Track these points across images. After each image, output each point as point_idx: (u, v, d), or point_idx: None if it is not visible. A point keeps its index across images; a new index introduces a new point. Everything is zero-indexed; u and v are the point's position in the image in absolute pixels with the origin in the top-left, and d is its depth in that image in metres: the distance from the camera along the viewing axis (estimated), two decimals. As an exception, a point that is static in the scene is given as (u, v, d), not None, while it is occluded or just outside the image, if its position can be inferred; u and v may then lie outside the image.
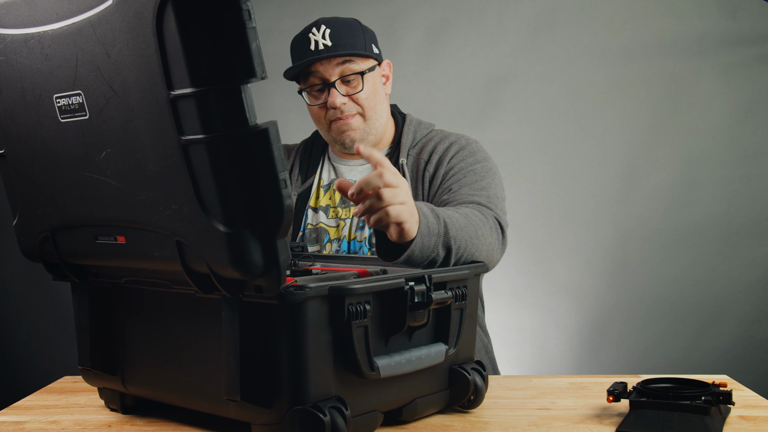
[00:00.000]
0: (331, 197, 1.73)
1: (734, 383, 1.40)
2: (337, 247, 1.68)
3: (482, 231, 1.43)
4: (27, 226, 1.16)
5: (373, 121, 1.68)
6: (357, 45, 1.64)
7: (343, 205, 1.71)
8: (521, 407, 1.28)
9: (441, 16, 3.35)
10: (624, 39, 3.32)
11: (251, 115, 0.90)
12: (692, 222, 3.29)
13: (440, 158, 1.66)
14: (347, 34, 1.64)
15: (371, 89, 1.67)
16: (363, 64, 1.65)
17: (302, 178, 1.76)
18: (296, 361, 1.00)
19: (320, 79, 1.65)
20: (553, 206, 3.31)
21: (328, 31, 1.63)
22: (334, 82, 1.64)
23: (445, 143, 1.68)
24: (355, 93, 1.65)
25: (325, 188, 1.75)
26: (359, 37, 1.66)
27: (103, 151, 1.00)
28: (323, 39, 1.62)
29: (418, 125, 1.75)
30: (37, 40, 1.02)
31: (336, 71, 1.64)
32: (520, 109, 3.37)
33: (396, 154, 1.71)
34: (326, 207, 1.72)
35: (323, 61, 1.63)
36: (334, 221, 1.70)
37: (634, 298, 3.33)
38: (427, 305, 1.12)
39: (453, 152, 1.66)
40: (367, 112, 1.67)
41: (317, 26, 1.64)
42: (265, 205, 0.92)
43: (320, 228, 1.70)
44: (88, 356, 1.22)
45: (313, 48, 1.62)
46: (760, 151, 3.26)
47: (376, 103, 1.68)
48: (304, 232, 1.72)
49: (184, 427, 1.17)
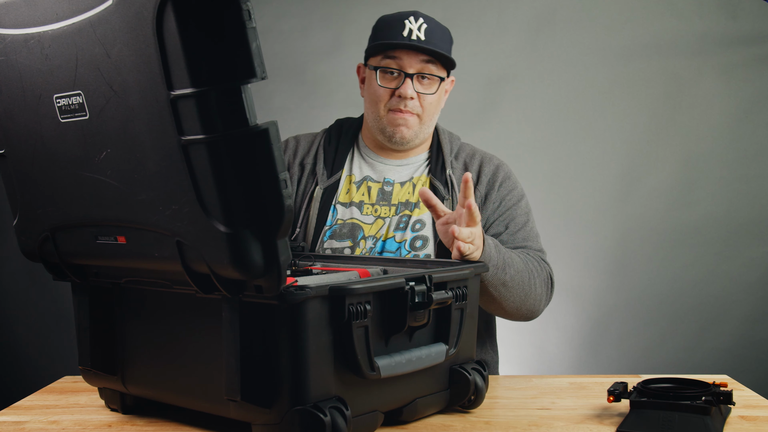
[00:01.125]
0: (365, 193, 1.71)
1: (734, 383, 1.40)
2: (371, 245, 1.66)
3: (534, 281, 1.59)
4: (27, 226, 1.16)
5: (426, 126, 1.70)
6: (446, 49, 1.66)
7: (383, 203, 1.70)
8: (521, 407, 1.28)
9: (441, 16, 3.32)
10: (624, 39, 3.31)
11: (251, 115, 0.90)
12: (692, 222, 3.29)
13: (490, 180, 1.72)
14: (440, 36, 1.66)
15: (438, 97, 1.69)
16: (441, 71, 1.67)
17: (328, 172, 1.73)
18: (296, 361, 1.00)
19: (399, 66, 1.65)
20: (553, 206, 3.31)
21: (424, 25, 1.64)
22: (413, 74, 1.64)
23: (491, 166, 1.74)
24: (426, 93, 1.66)
25: (358, 184, 1.73)
26: (449, 44, 1.69)
27: (103, 151, 1.00)
28: (418, 31, 1.62)
29: (451, 135, 1.80)
30: (37, 40, 1.02)
31: (417, 66, 1.64)
32: (520, 109, 3.37)
33: (440, 162, 1.73)
34: (360, 203, 1.70)
35: (410, 51, 1.63)
36: (371, 218, 1.69)
37: (634, 298, 3.32)
38: (428, 305, 1.12)
39: (501, 179, 1.73)
40: (425, 116, 1.68)
41: (415, 16, 1.65)
42: (266, 205, 0.92)
43: (354, 224, 1.68)
44: (89, 356, 1.22)
45: (405, 34, 1.63)
46: (760, 151, 3.26)
47: (435, 112, 1.71)
48: (332, 227, 1.69)
49: (184, 427, 1.17)
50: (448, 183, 1.69)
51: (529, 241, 1.69)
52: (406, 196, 1.70)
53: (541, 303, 1.63)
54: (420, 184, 1.71)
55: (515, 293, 1.56)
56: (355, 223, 1.68)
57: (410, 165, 1.74)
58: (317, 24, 3.39)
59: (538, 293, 1.61)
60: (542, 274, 1.63)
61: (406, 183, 1.72)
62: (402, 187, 1.71)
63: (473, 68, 3.37)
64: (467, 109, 3.36)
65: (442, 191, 1.68)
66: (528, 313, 1.62)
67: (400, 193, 1.70)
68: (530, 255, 1.64)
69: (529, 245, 1.69)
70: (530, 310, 1.62)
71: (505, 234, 1.68)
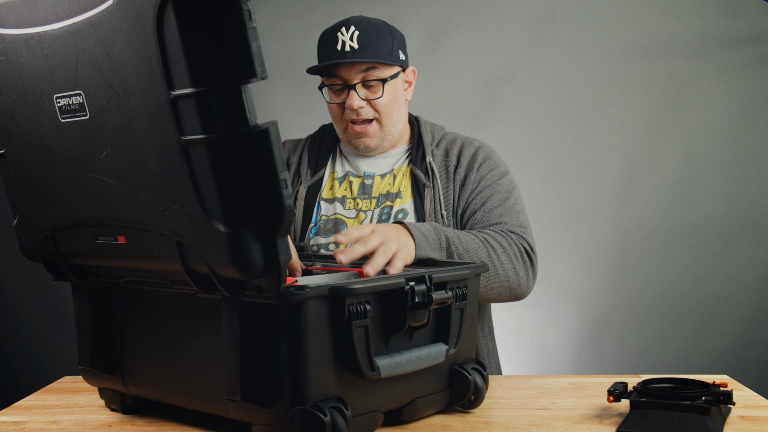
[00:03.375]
0: (347, 188, 1.73)
1: (734, 383, 1.40)
2: None
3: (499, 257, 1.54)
4: (27, 226, 1.16)
5: (389, 127, 1.70)
6: (383, 51, 1.65)
7: (363, 196, 1.72)
8: (521, 407, 1.28)
9: (441, 16, 3.36)
10: (624, 39, 3.32)
11: (251, 115, 0.90)
12: (692, 222, 3.29)
13: (469, 163, 1.71)
14: (375, 39, 1.64)
15: (391, 96, 1.68)
16: (387, 71, 1.66)
17: (312, 171, 1.76)
18: (296, 361, 1.00)
19: (342, 80, 1.65)
20: (553, 206, 3.31)
21: (356, 33, 1.63)
22: (355, 84, 1.64)
23: (471, 149, 1.73)
24: (374, 98, 1.66)
25: (340, 180, 1.75)
26: (387, 42, 1.66)
27: (104, 151, 1.00)
28: (351, 41, 1.62)
29: (433, 126, 1.80)
30: (38, 40, 1.02)
31: (358, 75, 1.65)
32: (520, 109, 3.37)
33: (420, 151, 1.73)
34: (343, 198, 1.73)
35: (347, 64, 1.64)
36: (353, 212, 1.71)
37: (634, 298, 3.33)
38: (428, 305, 1.12)
39: (480, 160, 1.71)
40: (383, 118, 1.69)
41: (347, 26, 1.64)
42: (266, 205, 0.92)
43: (338, 219, 1.70)
44: (88, 356, 1.22)
45: (339, 48, 1.63)
46: (760, 151, 3.26)
47: (394, 110, 1.70)
48: (317, 224, 1.71)
49: (184, 427, 1.17)
50: (428, 171, 1.70)
51: (505, 217, 1.64)
52: (386, 188, 1.72)
53: (518, 278, 1.56)
54: (401, 175, 1.72)
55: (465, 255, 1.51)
56: (339, 218, 1.71)
57: (390, 158, 1.76)
58: (317, 24, 3.37)
59: (507, 269, 1.54)
60: (511, 247, 1.56)
61: (387, 174, 1.74)
62: (382, 179, 1.73)
63: (473, 68, 3.37)
64: (467, 109, 3.37)
65: (423, 179, 1.69)
66: (503, 291, 1.56)
67: (381, 185, 1.72)
68: (495, 230, 1.59)
69: (506, 221, 1.64)
70: (504, 288, 1.55)
71: (480, 211, 1.66)
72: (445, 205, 1.67)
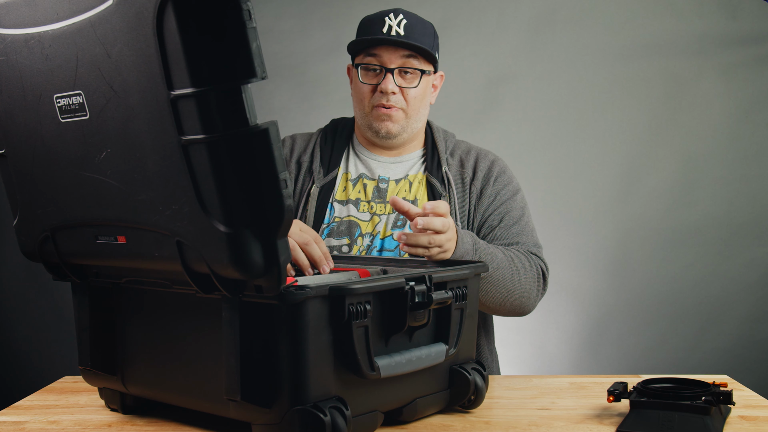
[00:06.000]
0: (361, 191, 1.73)
1: (734, 383, 1.40)
2: (369, 242, 1.67)
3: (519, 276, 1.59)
4: (27, 226, 1.16)
5: (413, 121, 1.71)
6: (426, 43, 1.66)
7: (378, 200, 1.71)
8: (521, 407, 1.28)
9: (441, 16, 3.35)
10: (624, 39, 3.32)
11: (251, 115, 0.90)
12: (692, 222, 3.29)
13: (486, 176, 1.73)
14: (421, 31, 1.66)
15: (422, 91, 1.69)
16: (424, 65, 1.67)
17: (324, 171, 1.74)
18: (296, 361, 1.00)
19: (380, 62, 1.66)
20: (553, 206, 3.31)
21: (404, 21, 1.64)
22: (393, 69, 1.65)
23: (486, 161, 1.75)
24: (408, 87, 1.67)
25: (354, 182, 1.74)
26: (430, 38, 1.68)
27: (104, 151, 1.00)
28: (397, 27, 1.63)
29: (445, 133, 1.81)
30: (38, 40, 1.02)
31: (398, 60, 1.65)
32: (520, 109, 3.37)
33: (436, 159, 1.74)
34: (357, 200, 1.72)
35: (390, 47, 1.64)
36: (367, 215, 1.70)
37: (634, 298, 3.33)
38: (428, 305, 1.12)
39: (496, 173, 1.74)
40: (410, 110, 1.69)
41: (395, 13, 1.65)
42: (265, 205, 0.92)
43: (351, 221, 1.69)
44: (88, 356, 1.22)
45: (385, 31, 1.64)
46: (760, 151, 3.26)
47: (421, 106, 1.71)
48: (329, 225, 1.70)
49: (184, 427, 1.17)
50: (445, 180, 1.70)
51: (523, 236, 1.69)
52: (402, 194, 1.71)
53: (530, 298, 1.63)
54: (417, 182, 1.72)
55: (496, 289, 1.56)
56: (352, 220, 1.70)
57: (404, 162, 1.76)
58: (317, 24, 3.39)
59: (525, 289, 1.60)
60: (531, 269, 1.62)
61: (402, 180, 1.73)
62: (397, 185, 1.73)
63: (473, 68, 3.37)
64: (467, 109, 3.36)
65: (439, 188, 1.69)
66: (513, 308, 1.62)
67: (396, 191, 1.72)
68: (519, 250, 1.64)
69: (524, 240, 1.69)
70: (516, 305, 1.61)
71: (499, 228, 1.69)
72: (460, 216, 1.68)
